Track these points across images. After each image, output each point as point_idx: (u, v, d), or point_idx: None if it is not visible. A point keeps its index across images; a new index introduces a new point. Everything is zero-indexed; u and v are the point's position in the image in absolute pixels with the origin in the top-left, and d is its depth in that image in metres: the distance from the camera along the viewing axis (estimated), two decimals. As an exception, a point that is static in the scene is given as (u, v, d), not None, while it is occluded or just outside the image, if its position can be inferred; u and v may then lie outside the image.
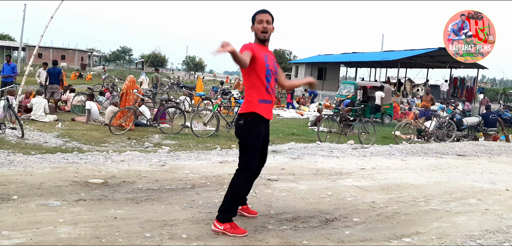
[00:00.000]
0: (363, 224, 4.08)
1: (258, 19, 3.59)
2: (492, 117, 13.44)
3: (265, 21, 3.57)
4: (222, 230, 3.48)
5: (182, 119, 11.17)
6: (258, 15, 3.61)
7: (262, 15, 3.60)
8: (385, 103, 17.60)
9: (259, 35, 3.59)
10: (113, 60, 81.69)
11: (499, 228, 4.16)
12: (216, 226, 3.52)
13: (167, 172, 5.58)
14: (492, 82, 75.76)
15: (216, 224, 3.53)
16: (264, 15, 3.60)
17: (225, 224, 3.49)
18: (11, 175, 4.88)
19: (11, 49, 54.04)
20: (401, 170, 6.79)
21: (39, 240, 3.18)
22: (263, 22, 3.57)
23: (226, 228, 3.48)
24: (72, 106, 13.56)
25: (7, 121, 8.80)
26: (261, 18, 3.59)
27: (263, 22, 3.57)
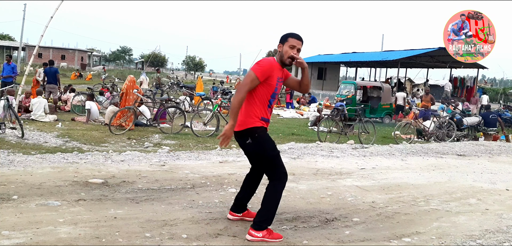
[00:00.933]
0: (363, 224, 4.08)
1: (290, 44, 3.47)
2: (492, 117, 13.44)
3: (296, 49, 3.47)
4: (260, 238, 3.45)
5: (182, 119, 11.16)
6: (292, 39, 3.48)
7: (296, 41, 3.48)
8: (385, 103, 17.61)
9: (285, 59, 3.48)
10: (113, 60, 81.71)
11: (499, 228, 4.16)
12: (254, 234, 3.47)
13: (167, 172, 5.58)
14: (492, 82, 75.77)
15: (253, 233, 3.48)
16: (298, 42, 3.49)
17: (263, 231, 3.48)
18: (11, 175, 4.88)
19: (11, 49, 54.03)
20: (401, 170, 6.79)
21: (39, 240, 3.18)
22: (294, 49, 3.46)
23: (264, 235, 3.47)
24: (72, 106, 13.56)
25: (7, 121, 8.80)
26: (294, 44, 3.47)
27: (294, 48, 3.46)
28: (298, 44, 3.48)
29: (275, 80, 3.48)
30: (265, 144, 3.53)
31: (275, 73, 3.48)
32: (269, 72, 3.43)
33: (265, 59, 3.54)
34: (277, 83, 3.52)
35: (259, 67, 3.42)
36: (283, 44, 3.49)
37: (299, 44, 3.49)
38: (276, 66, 3.50)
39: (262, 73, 3.40)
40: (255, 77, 3.40)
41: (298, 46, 3.48)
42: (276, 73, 3.49)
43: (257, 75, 3.39)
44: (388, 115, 17.58)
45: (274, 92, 3.53)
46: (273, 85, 3.48)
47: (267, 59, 3.53)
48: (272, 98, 3.55)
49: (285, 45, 3.47)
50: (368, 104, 17.49)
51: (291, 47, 3.46)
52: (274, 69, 3.47)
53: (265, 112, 3.53)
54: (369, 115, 16.64)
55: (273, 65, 3.47)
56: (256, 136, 3.50)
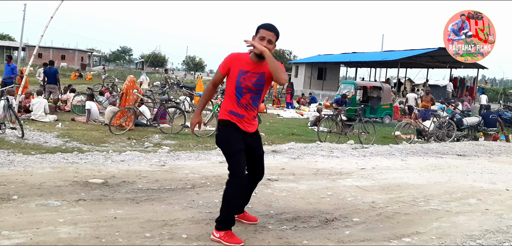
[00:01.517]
0: (363, 224, 4.08)
1: (260, 35, 3.30)
2: (492, 117, 13.45)
3: (267, 40, 3.29)
4: (217, 238, 3.36)
5: (182, 119, 11.16)
6: (262, 30, 3.32)
7: (266, 31, 3.31)
8: (385, 103, 17.62)
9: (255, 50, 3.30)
10: (113, 60, 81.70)
11: (499, 228, 4.16)
12: (214, 234, 3.41)
13: (167, 172, 5.58)
14: (492, 82, 75.76)
15: (214, 233, 3.42)
16: (268, 33, 3.31)
17: (221, 232, 3.36)
18: (11, 175, 4.88)
19: (11, 49, 54.04)
20: (401, 170, 6.79)
21: (39, 240, 3.18)
22: (265, 40, 3.29)
23: (221, 236, 3.35)
24: (72, 106, 13.57)
25: (7, 121, 8.80)
26: (264, 35, 3.30)
27: (264, 40, 3.29)
28: (268, 35, 3.29)
29: (236, 73, 3.34)
30: (223, 138, 3.44)
31: (236, 66, 3.35)
32: (229, 64, 3.38)
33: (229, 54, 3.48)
34: (240, 76, 3.33)
35: (222, 61, 3.43)
36: (255, 36, 3.35)
37: (270, 34, 3.30)
38: (238, 59, 3.38)
39: (222, 66, 3.41)
40: (217, 70, 3.48)
41: (268, 37, 3.29)
42: (238, 65, 3.35)
43: (219, 68, 3.44)
44: (388, 115, 17.59)
45: (239, 87, 3.35)
46: (233, 78, 3.36)
47: (230, 54, 3.46)
48: (238, 93, 3.37)
49: (256, 37, 3.33)
50: (368, 104, 17.49)
51: (261, 39, 3.29)
52: (235, 61, 3.37)
53: (234, 106, 3.40)
54: (369, 115, 16.64)
55: (233, 58, 3.40)
56: (220, 128, 3.48)
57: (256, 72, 3.36)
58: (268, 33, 3.30)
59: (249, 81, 3.36)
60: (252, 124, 3.51)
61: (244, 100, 3.40)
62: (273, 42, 3.33)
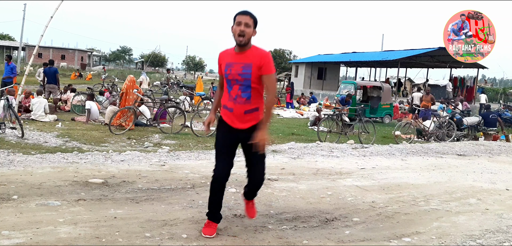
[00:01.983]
0: (363, 224, 4.08)
1: (237, 21, 3.32)
2: (492, 117, 13.45)
3: (243, 24, 3.29)
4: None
5: (182, 119, 11.16)
6: (238, 16, 3.33)
7: (241, 16, 3.32)
8: (385, 103, 17.62)
9: (235, 38, 3.32)
10: (113, 60, 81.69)
11: (499, 228, 4.16)
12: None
13: (167, 172, 5.58)
14: (492, 82, 75.75)
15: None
16: (243, 17, 3.32)
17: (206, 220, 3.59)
18: (11, 175, 4.88)
19: (11, 49, 54.04)
20: (401, 170, 6.79)
21: (39, 240, 3.18)
22: (241, 25, 3.29)
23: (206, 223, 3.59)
24: (72, 106, 13.57)
25: (7, 121, 8.80)
26: (240, 20, 3.31)
27: (241, 24, 3.29)
28: (243, 18, 3.30)
29: (223, 67, 3.44)
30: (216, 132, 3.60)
31: (224, 60, 3.44)
32: (220, 62, 3.49)
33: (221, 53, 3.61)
34: (227, 69, 3.39)
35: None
36: (233, 25, 3.36)
37: (244, 18, 3.30)
38: (225, 54, 3.47)
39: (218, 67, 3.54)
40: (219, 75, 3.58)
41: (244, 20, 3.29)
42: (225, 59, 3.43)
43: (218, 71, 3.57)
44: (388, 115, 17.59)
45: (227, 79, 3.42)
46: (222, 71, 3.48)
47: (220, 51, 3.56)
48: (228, 85, 3.43)
49: (233, 25, 3.35)
50: (368, 104, 17.49)
51: (238, 24, 3.30)
52: (223, 57, 3.47)
53: (226, 100, 3.50)
54: (369, 115, 16.64)
55: (221, 55, 3.50)
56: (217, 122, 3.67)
57: (240, 62, 3.37)
58: (243, 16, 3.32)
59: (235, 72, 3.37)
60: (243, 120, 3.42)
61: (233, 92, 3.40)
62: (250, 25, 3.31)
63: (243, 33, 3.28)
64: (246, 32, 3.28)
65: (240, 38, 3.29)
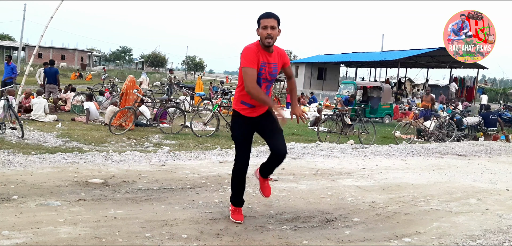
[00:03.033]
0: (363, 224, 4.08)
1: (262, 25, 3.45)
2: (492, 117, 13.44)
3: (269, 27, 3.43)
4: (229, 208, 3.91)
5: (182, 119, 11.17)
6: (263, 20, 3.46)
7: (266, 20, 3.45)
8: (385, 103, 17.62)
9: (263, 41, 3.47)
10: (113, 60, 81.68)
11: (499, 228, 4.16)
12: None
13: (167, 172, 5.58)
14: (492, 82, 75.74)
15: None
16: (268, 20, 3.44)
17: (231, 205, 3.87)
18: (11, 175, 4.88)
19: (11, 49, 54.02)
20: (401, 170, 6.79)
21: (39, 240, 3.18)
22: (268, 28, 3.43)
23: (231, 208, 3.87)
24: (72, 106, 13.57)
25: (7, 121, 8.79)
26: (265, 24, 3.44)
27: (267, 28, 3.43)
28: (268, 22, 3.44)
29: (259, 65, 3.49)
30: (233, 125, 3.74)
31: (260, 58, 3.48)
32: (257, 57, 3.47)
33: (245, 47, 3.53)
34: (262, 68, 3.49)
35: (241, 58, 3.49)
36: (258, 28, 3.51)
37: (269, 21, 3.45)
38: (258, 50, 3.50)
39: (251, 61, 3.45)
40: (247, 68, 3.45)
41: (269, 24, 3.44)
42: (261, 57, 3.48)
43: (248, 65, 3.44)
44: (388, 115, 17.59)
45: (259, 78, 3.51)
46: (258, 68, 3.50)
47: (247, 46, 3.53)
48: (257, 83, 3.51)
49: (259, 28, 3.49)
50: (368, 104, 17.50)
51: (264, 28, 3.45)
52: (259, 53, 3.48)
53: (247, 97, 3.55)
54: (369, 115, 16.64)
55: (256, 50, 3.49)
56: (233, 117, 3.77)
57: (271, 62, 3.57)
58: (268, 20, 3.45)
59: (268, 72, 3.55)
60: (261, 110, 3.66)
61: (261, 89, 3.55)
62: (275, 27, 3.46)
63: (271, 36, 3.44)
64: (273, 34, 3.45)
65: (268, 40, 3.45)
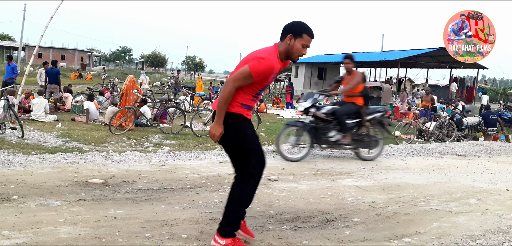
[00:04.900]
0: (363, 224, 4.08)
1: (304, 41, 3.11)
2: (492, 117, 13.44)
3: (306, 47, 3.15)
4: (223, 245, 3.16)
5: (182, 119, 11.17)
6: (308, 38, 3.12)
7: (310, 40, 3.14)
8: (385, 103, 17.62)
9: (294, 56, 3.13)
10: (113, 60, 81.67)
11: (499, 228, 4.16)
12: (217, 241, 3.17)
13: (167, 172, 5.58)
14: (492, 82, 75.75)
15: (217, 239, 3.18)
16: (311, 41, 3.15)
17: (228, 239, 3.16)
18: (11, 175, 4.88)
19: (11, 49, 54.03)
20: (401, 170, 6.79)
21: (39, 240, 3.18)
22: (305, 48, 3.15)
23: (228, 243, 3.16)
24: (72, 106, 13.59)
25: (7, 121, 8.80)
26: (307, 43, 3.12)
27: (305, 47, 3.14)
28: (310, 42, 3.16)
29: (270, 78, 3.15)
30: (239, 132, 3.17)
31: (273, 73, 3.11)
32: (267, 74, 3.07)
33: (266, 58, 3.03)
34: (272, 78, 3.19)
35: (257, 68, 3.02)
36: (295, 38, 3.09)
37: (311, 42, 3.16)
38: (276, 65, 3.08)
39: (258, 75, 3.04)
40: (249, 75, 3.02)
41: (309, 44, 3.15)
42: (274, 72, 3.11)
43: (253, 75, 3.02)
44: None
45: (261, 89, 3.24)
46: (266, 82, 3.19)
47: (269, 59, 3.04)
48: (262, 90, 3.26)
49: (297, 40, 3.09)
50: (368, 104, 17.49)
51: (303, 46, 3.12)
52: (274, 69, 3.07)
53: (248, 99, 3.18)
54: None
55: (273, 67, 3.05)
56: (230, 122, 3.13)
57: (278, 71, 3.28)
58: (311, 41, 3.17)
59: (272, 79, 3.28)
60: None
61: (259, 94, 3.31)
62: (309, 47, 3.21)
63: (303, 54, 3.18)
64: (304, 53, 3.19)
65: (297, 57, 3.15)
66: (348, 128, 7.21)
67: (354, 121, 7.37)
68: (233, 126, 3.15)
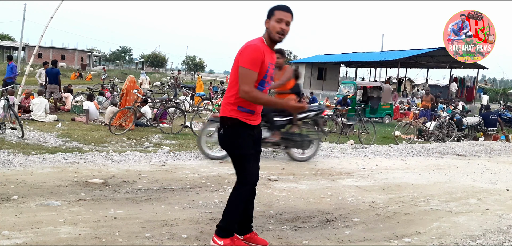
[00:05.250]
0: (363, 224, 4.08)
1: (277, 17, 2.98)
2: (492, 117, 13.45)
3: (284, 22, 2.99)
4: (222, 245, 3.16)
5: (182, 119, 11.16)
6: (279, 12, 2.99)
7: (284, 13, 2.99)
8: (385, 103, 17.62)
9: (274, 35, 3.00)
10: (113, 60, 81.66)
11: (499, 228, 4.16)
12: (216, 241, 3.16)
13: (167, 172, 5.58)
14: (492, 82, 75.76)
15: (215, 239, 3.17)
16: (285, 14, 3.00)
17: (226, 239, 3.15)
18: (11, 175, 4.88)
19: (11, 49, 54.03)
20: (401, 170, 6.79)
21: (39, 240, 3.18)
22: (282, 22, 2.98)
23: (226, 243, 3.15)
24: (72, 106, 13.59)
25: (7, 121, 8.80)
26: (282, 17, 2.98)
27: (282, 22, 2.98)
28: (286, 16, 2.99)
29: (266, 66, 3.01)
30: (233, 138, 3.09)
31: (267, 59, 3.01)
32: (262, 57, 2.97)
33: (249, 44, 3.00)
34: (268, 69, 3.05)
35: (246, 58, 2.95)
36: (269, 19, 3.01)
37: (287, 16, 3.00)
38: (265, 50, 3.01)
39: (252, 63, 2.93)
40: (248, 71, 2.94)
41: (286, 18, 2.99)
42: (267, 58, 3.01)
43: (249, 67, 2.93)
44: (388, 115, 17.60)
45: (263, 80, 3.05)
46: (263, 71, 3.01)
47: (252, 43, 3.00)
48: (261, 86, 3.05)
49: (271, 20, 3.00)
50: (368, 104, 17.50)
51: (278, 21, 2.98)
52: (265, 53, 3.00)
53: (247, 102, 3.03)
54: (369, 115, 16.65)
55: (259, 48, 2.97)
56: (227, 127, 3.09)
57: (272, 61, 3.14)
58: (286, 14, 3.01)
59: (271, 73, 3.13)
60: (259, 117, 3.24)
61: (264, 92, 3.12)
62: (290, 23, 3.04)
63: (284, 32, 3.01)
64: (286, 31, 3.02)
65: (279, 36, 3.00)
66: (276, 126, 6.71)
67: (285, 119, 6.86)
68: (228, 131, 3.10)
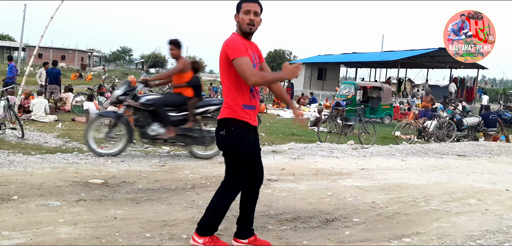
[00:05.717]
0: (363, 224, 4.08)
1: (244, 9, 3.06)
2: (492, 117, 13.44)
3: (252, 12, 3.05)
4: (201, 244, 3.13)
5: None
6: (246, 4, 3.07)
7: (249, 4, 3.06)
8: (385, 103, 17.62)
9: (244, 27, 3.06)
10: (113, 60, 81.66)
11: (499, 228, 4.16)
12: (195, 239, 3.16)
13: (167, 172, 5.59)
14: (492, 82, 75.76)
15: (195, 237, 3.17)
16: (252, 5, 3.06)
17: (205, 238, 3.14)
18: (11, 175, 4.89)
19: (11, 49, 54.04)
20: (401, 170, 6.80)
21: (39, 240, 3.18)
22: (250, 13, 3.05)
23: (206, 242, 3.13)
24: (72, 106, 13.59)
25: (7, 121, 8.79)
26: (249, 8, 3.05)
27: (250, 12, 3.05)
28: (253, 6, 3.06)
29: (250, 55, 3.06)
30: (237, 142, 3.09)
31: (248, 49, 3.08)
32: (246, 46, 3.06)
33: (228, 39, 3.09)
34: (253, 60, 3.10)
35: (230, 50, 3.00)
36: (238, 13, 3.11)
37: (255, 6, 3.06)
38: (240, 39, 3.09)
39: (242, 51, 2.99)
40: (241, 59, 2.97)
41: (253, 9, 3.06)
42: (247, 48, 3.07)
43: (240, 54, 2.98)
44: (388, 115, 17.60)
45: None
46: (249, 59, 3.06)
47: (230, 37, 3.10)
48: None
49: (240, 13, 3.09)
50: (368, 104, 17.50)
51: (246, 13, 3.05)
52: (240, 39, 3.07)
53: (247, 98, 3.09)
54: (369, 115, 16.65)
55: (237, 37, 3.08)
56: (232, 129, 3.08)
57: (255, 53, 3.18)
58: (252, 4, 3.07)
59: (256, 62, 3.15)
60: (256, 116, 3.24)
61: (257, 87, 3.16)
62: (259, 13, 3.10)
63: (253, 22, 3.06)
64: (256, 21, 3.08)
65: (250, 27, 3.06)
66: (169, 122, 6.45)
67: (180, 114, 6.59)
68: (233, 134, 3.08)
